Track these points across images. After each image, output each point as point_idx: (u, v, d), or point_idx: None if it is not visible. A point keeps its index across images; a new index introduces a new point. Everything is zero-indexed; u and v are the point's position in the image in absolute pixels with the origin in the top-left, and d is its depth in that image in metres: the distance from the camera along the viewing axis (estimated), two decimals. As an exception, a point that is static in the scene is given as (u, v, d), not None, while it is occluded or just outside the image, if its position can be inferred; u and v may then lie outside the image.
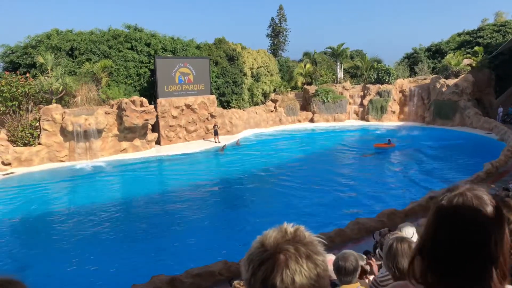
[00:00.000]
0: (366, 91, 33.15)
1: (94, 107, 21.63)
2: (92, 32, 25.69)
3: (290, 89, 34.51)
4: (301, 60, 38.86)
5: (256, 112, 30.27)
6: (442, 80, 29.36)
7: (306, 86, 34.05)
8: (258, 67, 32.34)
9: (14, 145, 19.15)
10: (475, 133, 26.14)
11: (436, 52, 36.89)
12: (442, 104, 29.25)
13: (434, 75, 31.66)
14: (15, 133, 19.23)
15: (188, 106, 25.27)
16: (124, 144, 22.16)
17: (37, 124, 19.92)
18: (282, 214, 13.10)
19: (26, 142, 19.43)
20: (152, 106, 22.65)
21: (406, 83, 32.47)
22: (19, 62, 22.58)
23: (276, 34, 42.39)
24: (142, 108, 21.72)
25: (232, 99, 29.43)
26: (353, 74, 37.77)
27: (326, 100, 32.02)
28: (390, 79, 32.61)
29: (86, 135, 20.32)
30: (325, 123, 32.13)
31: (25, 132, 19.41)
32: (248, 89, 30.98)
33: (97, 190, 16.73)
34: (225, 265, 8.27)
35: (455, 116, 28.78)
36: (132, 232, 12.37)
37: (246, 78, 30.67)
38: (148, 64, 25.99)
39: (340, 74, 35.54)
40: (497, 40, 31.95)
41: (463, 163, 19.84)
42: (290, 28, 42.72)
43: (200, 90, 25.99)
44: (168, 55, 26.67)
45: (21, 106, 20.14)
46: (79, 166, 19.80)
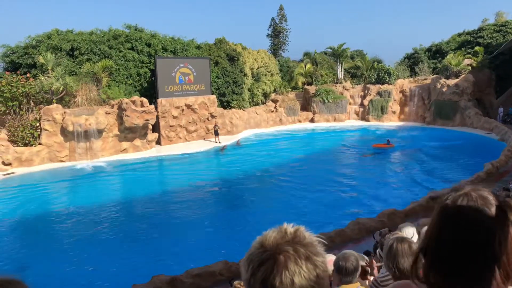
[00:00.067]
0: (366, 91, 33.14)
1: (95, 107, 21.64)
2: (93, 32, 25.70)
3: (290, 89, 34.50)
4: (301, 60, 38.86)
5: (256, 112, 30.27)
6: (443, 80, 29.35)
7: (306, 86, 34.05)
8: (258, 67, 32.35)
9: (15, 145, 19.18)
10: (475, 133, 26.13)
11: (436, 52, 36.87)
12: (442, 104, 29.24)
13: (435, 75, 31.64)
14: (16, 133, 19.25)
15: (188, 106, 25.28)
16: (125, 144, 22.17)
17: (37, 124, 19.94)
18: (282, 214, 13.10)
19: (27, 142, 19.45)
20: (152, 106, 22.66)
21: (406, 83, 32.46)
22: (20, 62, 22.60)
23: (277, 34, 42.38)
24: (143, 108, 21.74)
25: (232, 99, 29.44)
26: (353, 74, 37.77)
27: (326, 100, 32.02)
28: (391, 79, 32.60)
29: (86, 135, 20.34)
30: (325, 123, 32.13)
31: (25, 132, 19.44)
32: (249, 89, 30.98)
33: (97, 190, 16.73)
34: (225, 265, 8.27)
35: (456, 116, 28.77)
36: (132, 232, 12.38)
37: (246, 78, 30.67)
38: (148, 64, 26.00)
39: (340, 74, 35.54)
40: (497, 40, 31.93)
41: (463, 163, 19.84)
42: (290, 28, 42.75)
43: (200, 90, 25.99)
44: (169, 55, 26.68)
45: (21, 106, 20.16)
46: (80, 166, 19.81)
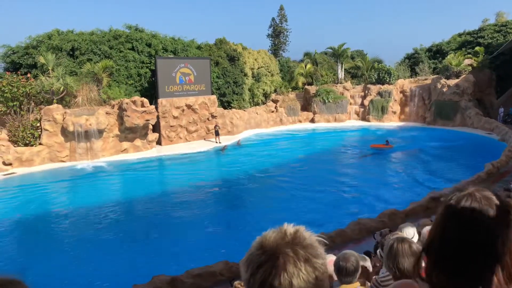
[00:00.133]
0: (366, 92, 33.13)
1: (95, 107, 21.65)
2: (93, 32, 25.71)
3: (290, 89, 34.50)
4: (301, 61, 38.85)
5: (256, 113, 30.27)
6: (443, 81, 29.34)
7: (306, 87, 34.05)
8: (258, 68, 32.35)
9: (15, 145, 19.19)
10: (476, 133, 26.11)
11: (437, 53, 36.85)
12: (443, 105, 29.22)
13: (435, 76, 31.63)
14: (16, 133, 19.27)
15: (189, 107, 25.28)
16: (125, 144, 22.18)
17: (38, 124, 19.95)
18: (283, 214, 13.09)
19: (27, 142, 19.46)
20: (153, 107, 22.67)
21: (407, 84, 32.45)
22: (20, 62, 22.61)
23: (277, 35, 42.37)
24: (143, 109, 21.74)
25: (233, 100, 29.44)
26: (353, 75, 37.76)
27: (327, 101, 32.01)
28: (391, 79, 32.60)
29: (87, 135, 20.35)
30: (325, 123, 32.12)
31: (26, 133, 19.45)
32: (249, 89, 30.98)
33: (98, 190, 16.74)
34: (226, 265, 8.27)
35: (456, 116, 28.75)
36: (132, 232, 12.39)
37: (246, 79, 30.67)
38: (149, 65, 26.01)
39: (341, 74, 35.54)
40: (498, 40, 31.91)
41: (464, 163, 19.83)
42: (290, 28, 42.76)
43: (201, 90, 26.00)
44: (169, 55, 26.69)
45: (22, 107, 20.18)
46: (80, 166, 19.82)
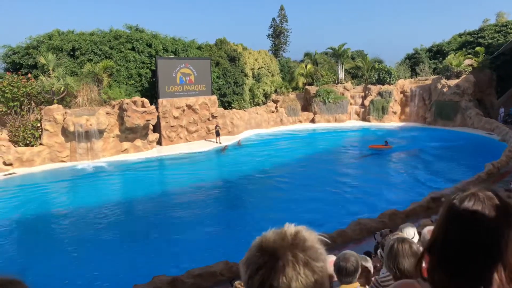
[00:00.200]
0: (367, 92, 33.12)
1: (96, 108, 21.66)
2: (94, 32, 25.73)
3: (291, 89, 34.50)
4: (302, 61, 38.84)
5: (257, 113, 30.27)
6: (443, 81, 29.33)
7: (307, 87, 34.04)
8: (259, 68, 32.34)
9: (16, 145, 19.20)
10: (476, 133, 26.09)
11: (437, 53, 36.85)
12: (443, 105, 29.21)
13: (435, 76, 31.62)
14: (17, 133, 19.28)
15: (189, 107, 25.28)
16: (126, 144, 22.18)
17: (38, 124, 19.96)
18: (283, 214, 13.08)
19: (28, 142, 19.47)
20: (153, 107, 22.67)
21: (407, 84, 32.43)
22: (21, 62, 22.63)
23: (277, 35, 42.38)
24: (143, 109, 21.75)
25: (233, 100, 29.44)
26: (354, 75, 37.74)
27: (327, 101, 32.00)
28: (391, 79, 32.58)
29: (87, 135, 20.36)
30: (326, 123, 32.11)
31: (26, 133, 19.46)
32: (249, 89, 30.97)
33: (98, 190, 16.75)
34: (226, 265, 8.27)
35: (456, 116, 28.74)
36: (133, 232, 12.39)
37: (247, 79, 30.67)
38: (149, 65, 26.02)
39: (341, 74, 35.53)
40: (498, 41, 31.89)
41: (464, 163, 19.80)
42: (291, 28, 42.79)
43: (201, 90, 26.00)
44: (169, 56, 26.70)
45: (22, 107, 20.19)
46: (81, 167, 19.82)
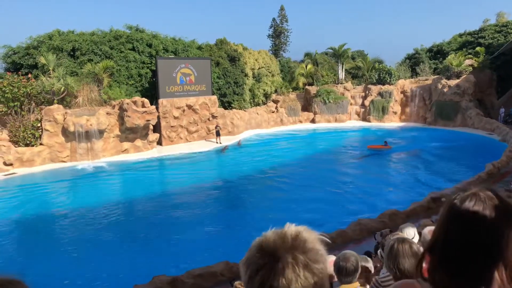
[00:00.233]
0: (367, 92, 33.11)
1: (96, 108, 21.66)
2: (94, 32, 25.73)
3: (291, 89, 34.49)
4: (302, 61, 38.84)
5: (257, 113, 30.27)
6: (444, 81, 29.32)
7: (307, 87, 34.04)
8: (259, 68, 32.34)
9: (16, 145, 19.21)
10: (476, 133, 26.08)
11: (437, 53, 36.84)
12: (443, 105, 29.20)
13: (436, 76, 31.60)
14: (17, 133, 19.28)
15: (189, 107, 25.28)
16: (126, 144, 22.18)
17: (38, 124, 19.96)
18: (283, 214, 13.08)
19: (28, 142, 19.48)
20: (153, 107, 22.66)
21: (407, 84, 32.42)
22: (21, 62, 22.64)
23: (278, 35, 42.38)
24: (144, 109, 21.74)
25: (233, 100, 29.43)
26: (354, 75, 37.73)
27: (327, 101, 31.99)
28: (392, 79, 32.57)
29: (87, 135, 20.36)
30: (326, 123, 32.11)
31: (26, 133, 19.46)
32: (250, 89, 30.97)
33: (98, 190, 16.75)
34: (226, 265, 8.26)
35: (457, 116, 28.72)
36: (133, 232, 12.38)
37: (247, 79, 30.67)
38: (149, 65, 26.02)
39: (341, 74, 35.52)
40: (498, 41, 31.88)
41: (464, 163, 19.79)
42: (291, 28, 42.78)
43: (201, 90, 26.00)
44: (170, 56, 26.70)
45: (23, 107, 20.19)
46: (81, 167, 19.83)
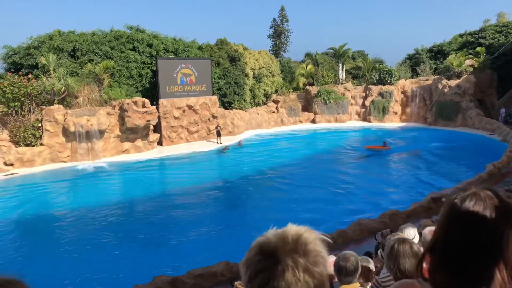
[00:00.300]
0: (368, 92, 33.10)
1: (96, 108, 21.68)
2: (94, 33, 25.75)
3: (291, 90, 34.49)
4: (302, 61, 38.84)
5: (257, 113, 30.26)
6: (444, 81, 29.30)
7: (307, 87, 34.03)
8: (259, 68, 32.34)
9: (17, 145, 19.22)
10: (477, 134, 26.06)
11: (438, 53, 36.81)
12: (444, 105, 29.18)
13: (436, 76, 31.59)
14: (18, 133, 19.30)
15: (190, 107, 25.28)
16: (126, 145, 22.19)
17: (39, 124, 19.98)
18: (283, 214, 13.07)
19: (28, 142, 19.49)
20: (154, 107, 22.67)
21: (408, 84, 32.40)
22: (22, 63, 22.66)
23: (278, 35, 42.40)
24: (144, 109, 21.75)
25: (233, 100, 29.44)
26: (355, 75, 37.73)
27: (327, 101, 31.98)
28: (392, 80, 32.55)
29: (88, 135, 20.37)
30: (326, 124, 32.09)
31: (27, 133, 19.48)
32: (250, 90, 30.97)
33: (98, 190, 16.75)
34: (227, 265, 8.26)
35: (457, 117, 28.70)
36: (133, 232, 12.38)
37: (247, 79, 30.67)
38: (150, 65, 26.03)
39: (342, 75, 35.51)
40: (499, 41, 31.87)
41: (465, 164, 19.78)
42: (291, 29, 42.80)
43: (202, 91, 26.00)
44: (170, 56, 26.70)
45: (23, 107, 20.20)
46: (81, 167, 19.84)
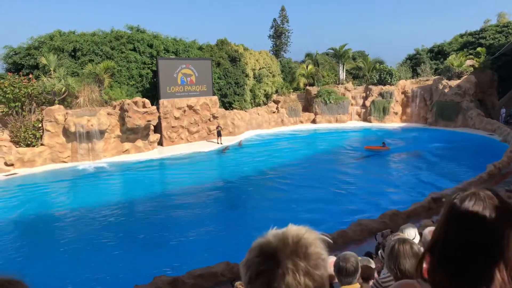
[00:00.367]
0: (368, 92, 33.09)
1: (97, 108, 21.68)
2: (95, 33, 25.76)
3: (292, 90, 34.49)
4: (303, 61, 38.86)
5: (258, 113, 30.27)
6: (445, 81, 29.29)
7: (308, 87, 34.03)
8: (260, 68, 32.35)
9: (17, 146, 19.23)
10: (477, 134, 26.05)
11: (438, 53, 36.81)
12: (444, 105, 29.17)
13: (437, 76, 31.59)
14: (18, 134, 19.30)
15: (190, 107, 25.28)
16: (127, 145, 22.20)
17: (39, 125, 19.98)
18: (283, 214, 13.07)
19: (29, 143, 19.50)
20: (154, 107, 22.68)
21: (408, 84, 32.40)
22: (22, 63, 22.67)
23: (278, 35, 42.42)
24: (145, 109, 21.76)
25: (234, 100, 29.44)
26: (355, 75, 37.73)
27: (328, 101, 31.98)
28: (393, 80, 32.55)
29: (88, 136, 20.38)
30: (327, 124, 32.09)
31: (27, 133, 19.48)
32: (250, 90, 30.97)
33: (99, 191, 16.75)
34: (227, 266, 8.25)
35: (458, 117, 28.69)
36: (134, 232, 12.38)
37: (248, 79, 30.67)
38: (150, 65, 26.04)
39: (342, 75, 35.51)
40: (499, 41, 31.86)
41: (465, 164, 19.76)
42: (292, 29, 42.83)
43: (202, 91, 26.00)
44: (170, 56, 26.71)
45: (24, 107, 20.21)
46: (82, 167, 19.84)
